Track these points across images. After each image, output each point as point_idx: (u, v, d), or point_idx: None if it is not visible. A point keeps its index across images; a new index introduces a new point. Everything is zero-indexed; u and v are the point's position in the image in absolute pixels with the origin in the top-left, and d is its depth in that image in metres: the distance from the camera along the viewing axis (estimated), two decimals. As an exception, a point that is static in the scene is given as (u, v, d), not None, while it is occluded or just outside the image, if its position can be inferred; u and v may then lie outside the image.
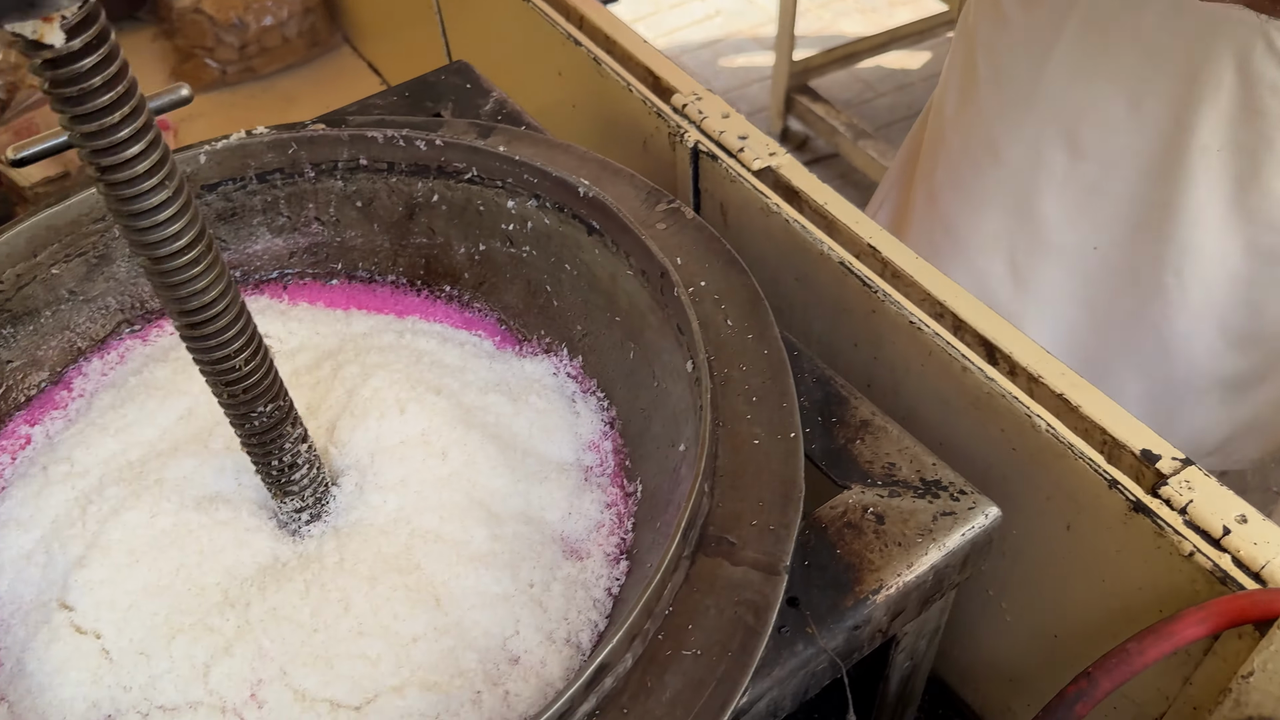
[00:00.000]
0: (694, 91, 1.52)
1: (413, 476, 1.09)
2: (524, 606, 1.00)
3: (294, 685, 0.95)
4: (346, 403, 1.13)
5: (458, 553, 1.03)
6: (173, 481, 1.07)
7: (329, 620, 0.98)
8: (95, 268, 1.26)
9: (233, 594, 1.02)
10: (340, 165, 1.31)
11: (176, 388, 1.19)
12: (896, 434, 1.02)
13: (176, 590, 1.02)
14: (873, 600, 0.90)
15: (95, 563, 1.02)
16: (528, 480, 1.11)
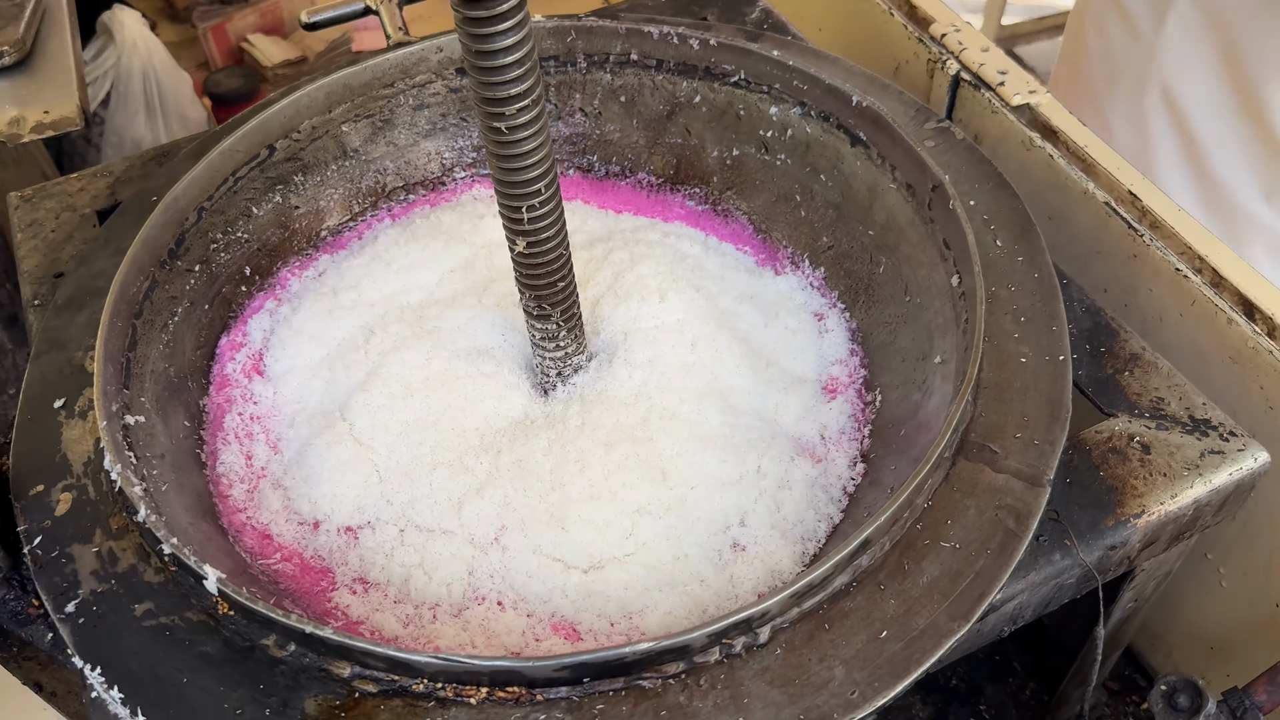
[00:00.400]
0: (953, 23, 1.51)
1: (660, 358, 1.14)
2: (753, 497, 1.04)
3: (531, 538, 1.02)
4: (612, 283, 1.19)
5: (691, 431, 1.08)
6: (448, 330, 1.15)
7: (565, 479, 1.05)
8: (379, 131, 1.34)
9: (487, 440, 1.09)
10: (612, 58, 1.35)
11: (460, 235, 1.27)
12: (1167, 370, 1.02)
13: (441, 428, 1.10)
14: (1133, 524, 0.91)
15: (375, 389, 1.12)
16: (768, 385, 1.14)
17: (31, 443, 1.03)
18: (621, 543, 1.01)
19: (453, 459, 1.08)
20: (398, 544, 1.03)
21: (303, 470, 1.08)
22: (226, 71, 2.90)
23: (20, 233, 1.29)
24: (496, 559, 1.01)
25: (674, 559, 1.00)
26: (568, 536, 1.01)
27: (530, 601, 0.99)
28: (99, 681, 0.85)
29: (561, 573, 1.00)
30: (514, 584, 0.99)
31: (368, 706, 0.81)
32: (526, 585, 0.99)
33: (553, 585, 0.99)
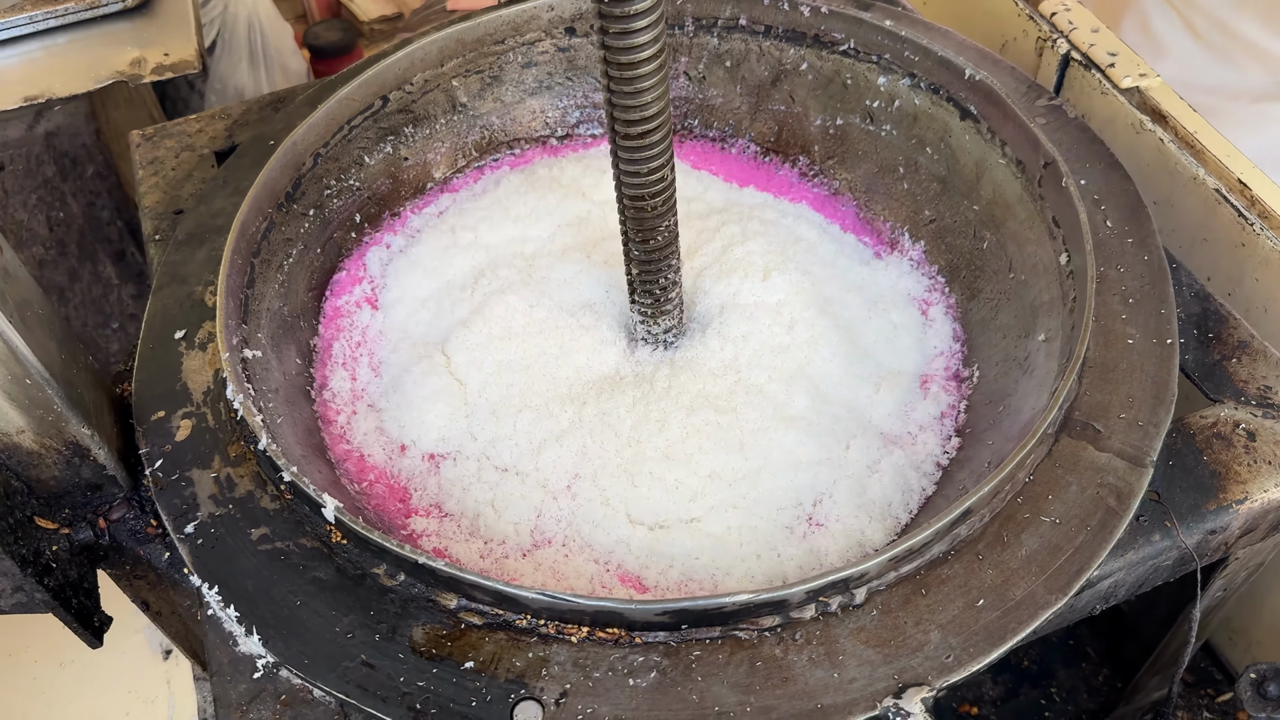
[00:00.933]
0: (1064, 2, 1.49)
1: (755, 335, 1.14)
2: (832, 480, 1.04)
3: (602, 489, 1.04)
4: (720, 256, 1.20)
5: (775, 411, 1.09)
6: (555, 281, 1.18)
7: (643, 436, 1.07)
8: (487, 87, 1.36)
9: (575, 390, 1.12)
10: (720, 22, 1.36)
11: (579, 190, 1.30)
12: (1276, 359, 1.01)
13: (533, 373, 1.13)
14: (1235, 509, 0.91)
15: (476, 327, 1.15)
16: (862, 379, 1.14)
17: (153, 371, 1.07)
18: (688, 505, 1.03)
19: (539, 404, 1.11)
20: (475, 479, 1.07)
21: (398, 395, 1.13)
22: (325, 24, 2.95)
23: (141, 169, 1.34)
24: (566, 505, 1.05)
25: (740, 527, 1.02)
26: (636, 492, 1.03)
27: (595, 550, 1.01)
28: (215, 600, 0.89)
29: (627, 526, 1.02)
30: (580, 531, 1.02)
31: (473, 637, 0.84)
32: (592, 534, 1.02)
33: (617, 538, 1.01)
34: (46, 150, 1.68)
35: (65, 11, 1.52)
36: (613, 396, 1.11)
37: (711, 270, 1.19)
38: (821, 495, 1.04)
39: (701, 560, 0.99)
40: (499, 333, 1.14)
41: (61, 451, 0.96)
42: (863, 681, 0.80)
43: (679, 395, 1.10)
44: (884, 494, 1.04)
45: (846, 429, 1.09)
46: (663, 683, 0.81)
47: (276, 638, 0.86)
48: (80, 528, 1.00)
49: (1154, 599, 1.33)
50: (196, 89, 2.28)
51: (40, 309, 0.95)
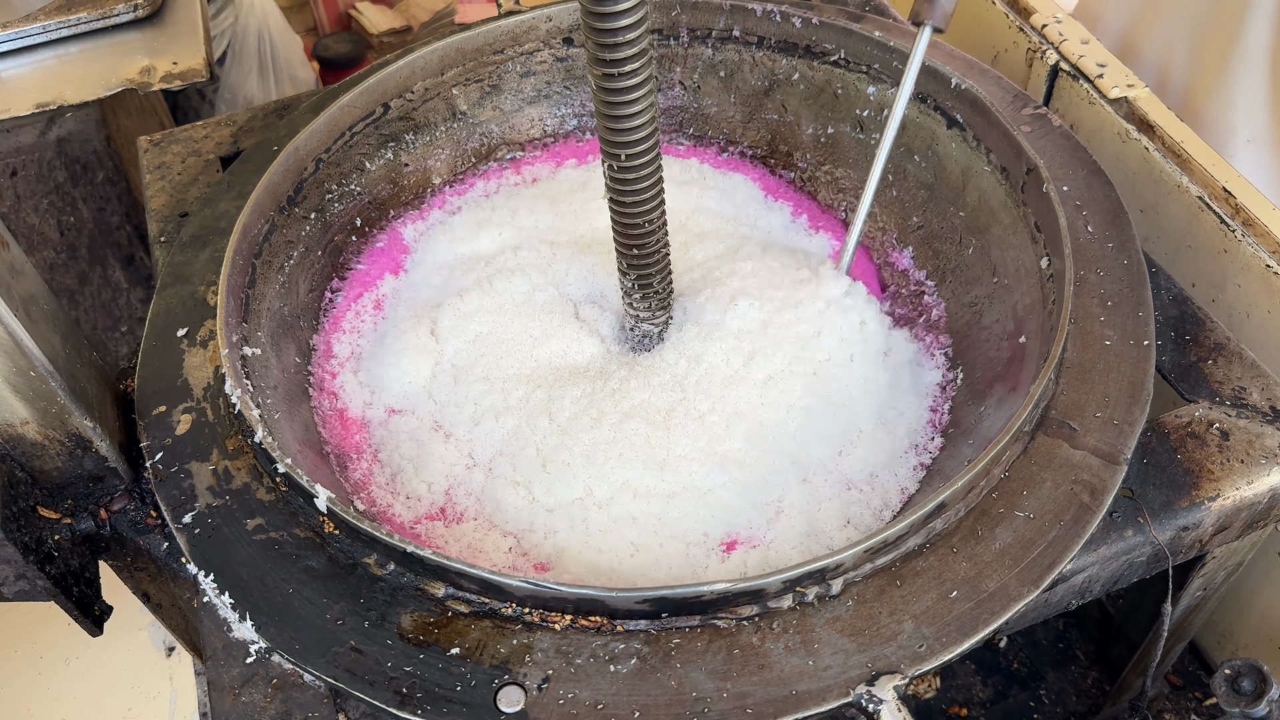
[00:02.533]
0: (1054, 14, 1.51)
1: (707, 359, 1.14)
2: (756, 523, 1.04)
3: (518, 470, 1.08)
4: (710, 271, 1.23)
5: (708, 444, 1.08)
6: (573, 273, 1.24)
7: (575, 429, 1.09)
8: (487, 95, 1.39)
9: (539, 374, 1.15)
10: (714, 33, 1.39)
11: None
12: (1251, 361, 1.02)
13: (508, 349, 1.17)
14: (1207, 506, 0.92)
15: (471, 296, 1.21)
16: (821, 435, 1.11)
17: (155, 367, 1.10)
18: (588, 505, 1.05)
19: (498, 379, 1.15)
20: (411, 436, 1.13)
21: (380, 349, 1.20)
22: (335, 37, 2.99)
23: (149, 174, 1.37)
24: (480, 479, 1.09)
25: (639, 543, 1.02)
26: (547, 478, 1.06)
27: (502, 527, 1.05)
28: (211, 588, 0.92)
29: (530, 509, 1.05)
30: (487, 506, 1.07)
31: (459, 625, 0.86)
32: (497, 511, 1.06)
33: (523, 521, 1.04)
34: (58, 156, 1.72)
35: (78, 21, 1.56)
36: (566, 386, 1.14)
37: (706, 293, 1.22)
38: (737, 534, 1.04)
39: (600, 559, 1.01)
40: (491, 306, 1.20)
41: (64, 443, 0.99)
42: (837, 669, 0.82)
43: (622, 399, 1.12)
44: (828, 524, 1.04)
45: (784, 480, 1.07)
46: (642, 669, 0.83)
47: (269, 624, 0.89)
48: (82, 518, 1.03)
49: (1140, 601, 1.34)
50: (207, 98, 2.32)
51: (46, 304, 0.98)
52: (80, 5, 1.57)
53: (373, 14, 3.06)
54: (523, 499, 1.06)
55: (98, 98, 1.49)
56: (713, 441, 1.09)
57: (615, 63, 0.90)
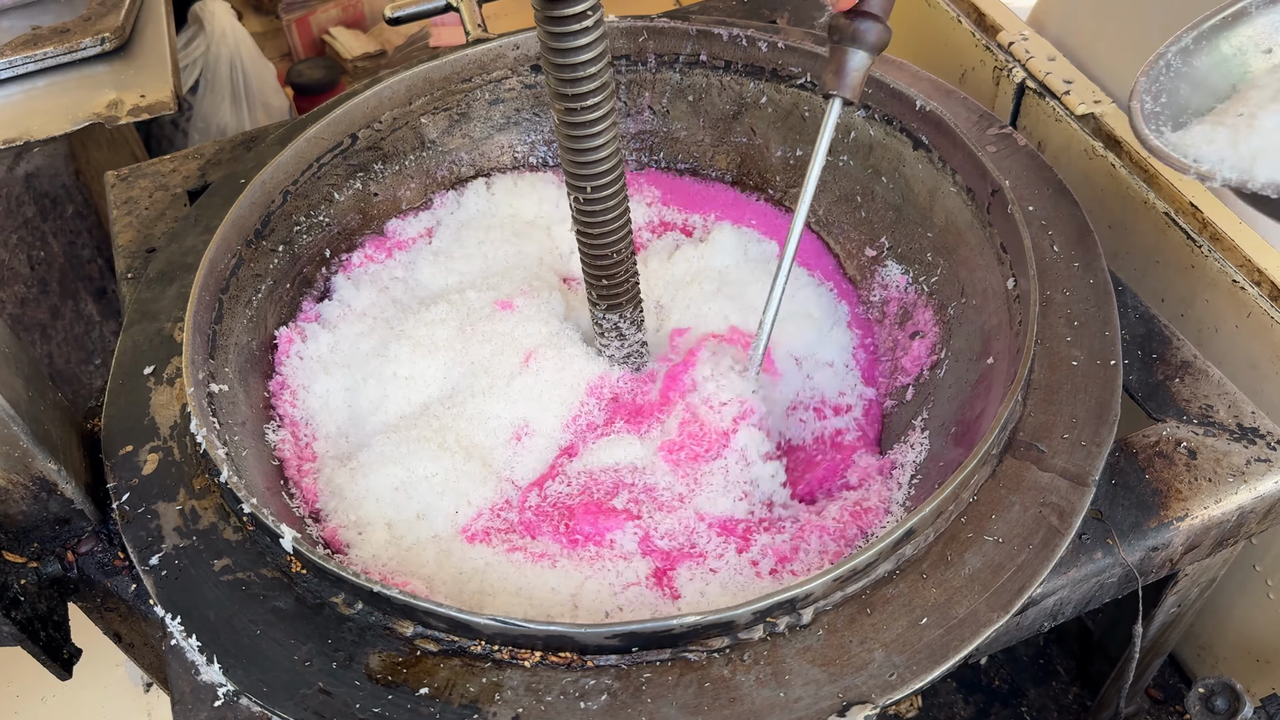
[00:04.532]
0: (1020, 31, 1.52)
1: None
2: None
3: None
4: (684, 314, 1.24)
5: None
6: (549, 304, 1.24)
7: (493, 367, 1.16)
8: (455, 124, 1.39)
9: (499, 329, 1.20)
10: (682, 58, 1.39)
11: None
12: (1218, 378, 1.03)
13: (482, 301, 1.22)
14: (1176, 526, 0.92)
15: (440, 309, 1.23)
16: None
17: (122, 406, 1.09)
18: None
19: (456, 318, 1.22)
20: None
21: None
22: (309, 63, 2.99)
23: (116, 209, 1.37)
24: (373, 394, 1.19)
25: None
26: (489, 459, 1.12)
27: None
28: (179, 630, 0.91)
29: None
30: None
31: (428, 664, 0.86)
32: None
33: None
34: (26, 191, 1.71)
35: (44, 56, 1.55)
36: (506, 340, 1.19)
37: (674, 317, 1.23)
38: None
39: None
40: (452, 318, 1.22)
41: (29, 487, 0.98)
42: (808, 700, 0.81)
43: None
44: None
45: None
46: (613, 705, 0.82)
47: (237, 666, 0.88)
48: (49, 561, 1.02)
49: (1118, 616, 1.34)
50: (180, 128, 2.31)
51: (7, 347, 0.97)
52: (46, 40, 1.56)
53: (346, 39, 3.06)
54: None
55: (65, 132, 1.49)
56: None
57: (577, 97, 0.90)
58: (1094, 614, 1.41)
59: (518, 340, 1.17)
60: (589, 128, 0.93)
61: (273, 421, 1.15)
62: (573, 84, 0.90)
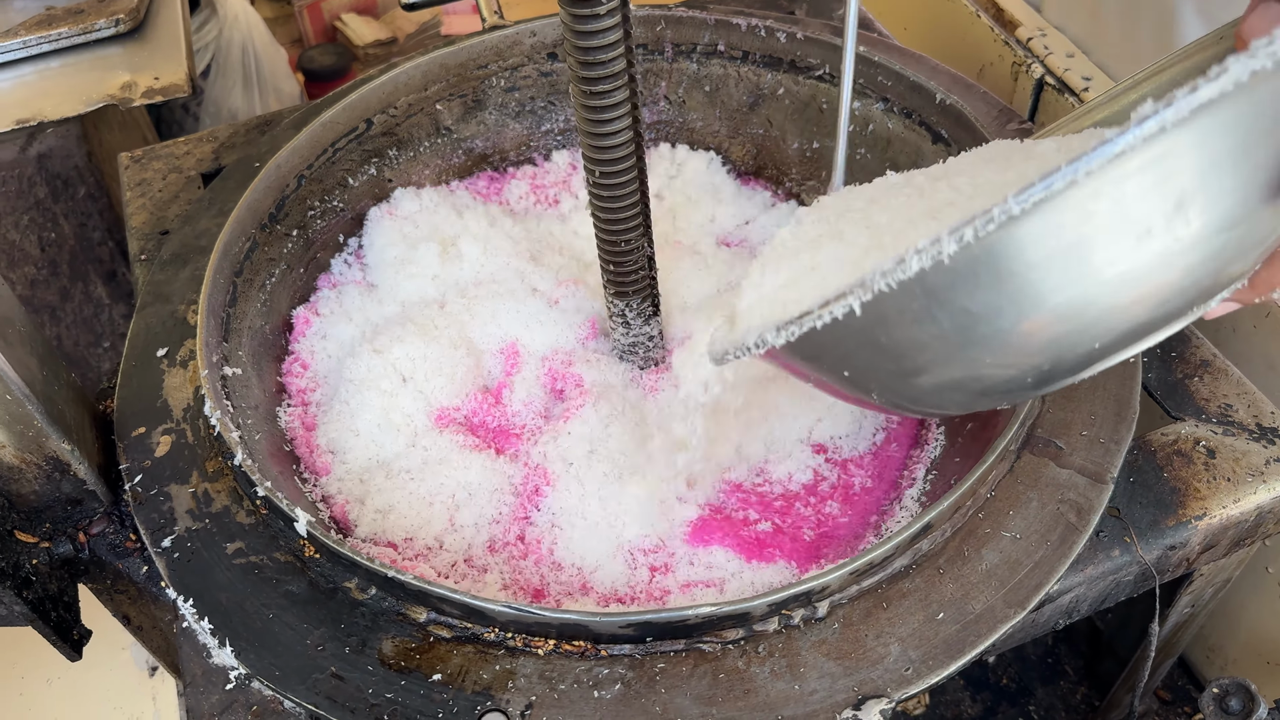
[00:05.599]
0: (1039, 27, 1.51)
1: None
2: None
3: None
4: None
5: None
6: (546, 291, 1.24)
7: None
8: (471, 111, 1.38)
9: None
10: (699, 48, 1.38)
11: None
12: (1237, 378, 1.02)
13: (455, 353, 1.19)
14: (1194, 525, 0.92)
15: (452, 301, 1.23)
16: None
17: (135, 388, 1.09)
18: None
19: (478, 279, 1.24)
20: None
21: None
22: (320, 49, 2.98)
23: (129, 191, 1.36)
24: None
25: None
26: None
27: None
28: (190, 613, 0.91)
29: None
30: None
31: (441, 650, 0.85)
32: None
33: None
34: (39, 172, 1.71)
35: (58, 36, 1.55)
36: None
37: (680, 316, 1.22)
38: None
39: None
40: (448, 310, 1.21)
41: (42, 466, 0.97)
42: (823, 693, 0.81)
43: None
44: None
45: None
46: (627, 695, 0.82)
47: (249, 650, 0.87)
48: (60, 541, 1.02)
49: (1128, 616, 1.34)
50: (191, 112, 2.30)
51: (22, 327, 0.97)
52: (60, 21, 1.56)
53: (358, 26, 3.05)
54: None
55: (78, 113, 1.48)
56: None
57: (596, 79, 0.90)
58: (1104, 614, 1.41)
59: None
60: (608, 112, 0.92)
61: (285, 403, 1.15)
62: (593, 66, 0.89)
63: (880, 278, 0.56)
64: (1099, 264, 0.55)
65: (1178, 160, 0.51)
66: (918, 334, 0.60)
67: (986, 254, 0.54)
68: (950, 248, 0.53)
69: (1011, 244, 0.53)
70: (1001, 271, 0.55)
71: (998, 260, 0.54)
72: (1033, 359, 0.61)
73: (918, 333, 0.60)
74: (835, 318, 0.60)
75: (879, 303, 0.57)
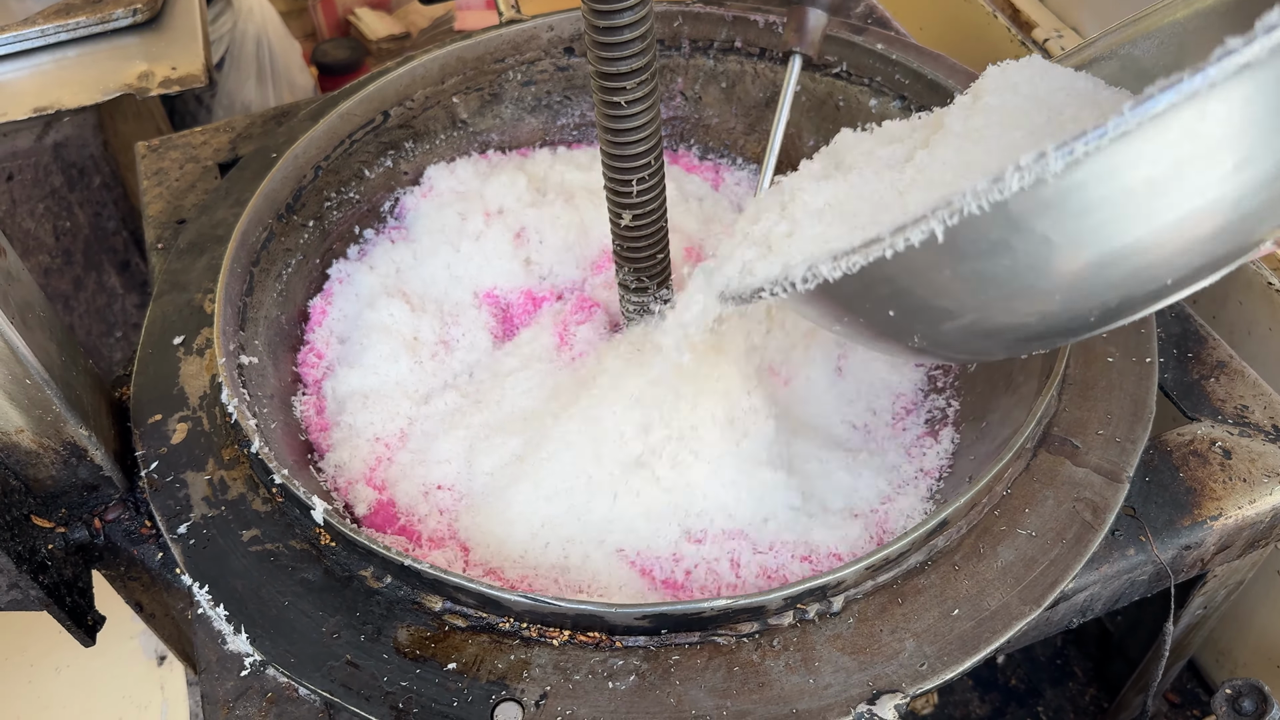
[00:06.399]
0: (1055, 28, 1.51)
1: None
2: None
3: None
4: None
5: (701, 414, 1.06)
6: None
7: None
8: (487, 104, 1.39)
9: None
10: (716, 44, 1.38)
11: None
12: (1253, 379, 1.02)
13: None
14: (1209, 525, 0.92)
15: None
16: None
17: (151, 375, 1.09)
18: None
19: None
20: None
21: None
22: (334, 43, 2.98)
23: (146, 180, 1.36)
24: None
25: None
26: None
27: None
28: (205, 599, 0.91)
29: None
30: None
31: (456, 639, 0.86)
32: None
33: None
34: (54, 161, 1.71)
35: (76, 25, 1.55)
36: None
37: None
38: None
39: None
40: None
41: (59, 451, 0.98)
42: (838, 687, 0.81)
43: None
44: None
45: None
46: (641, 686, 0.82)
47: (264, 636, 0.88)
48: (76, 527, 1.02)
49: (1139, 618, 1.34)
50: (204, 103, 2.31)
51: (42, 312, 0.97)
52: (79, 10, 1.56)
53: (371, 20, 3.06)
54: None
55: (95, 102, 1.48)
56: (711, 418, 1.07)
57: (619, 76, 0.90)
58: (1113, 615, 1.41)
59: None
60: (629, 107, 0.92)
61: (300, 392, 1.15)
62: (615, 63, 0.89)
63: (973, 198, 0.50)
64: (1193, 190, 0.50)
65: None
66: (989, 266, 0.55)
67: (1091, 175, 0.48)
68: (1057, 164, 0.48)
69: (1117, 162, 0.48)
70: (1096, 197, 0.50)
71: (1097, 182, 0.49)
72: (1103, 295, 0.56)
73: (989, 265, 0.54)
74: (911, 244, 0.53)
75: (962, 228, 0.52)
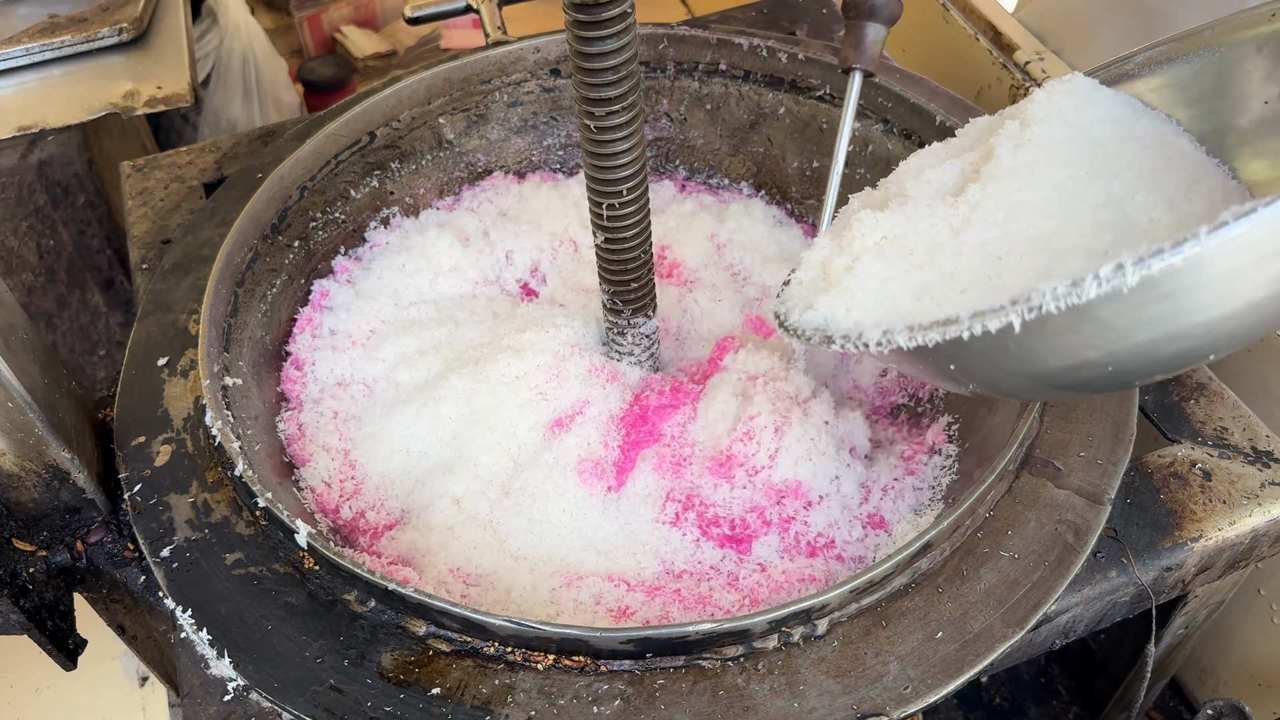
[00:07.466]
0: (1037, 51, 1.53)
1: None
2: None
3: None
4: (681, 318, 1.24)
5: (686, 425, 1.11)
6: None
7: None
8: (473, 125, 1.39)
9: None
10: (701, 66, 1.39)
11: None
12: (1233, 401, 1.03)
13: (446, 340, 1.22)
14: (1190, 547, 0.92)
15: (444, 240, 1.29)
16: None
17: (135, 396, 1.09)
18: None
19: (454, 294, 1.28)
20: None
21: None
22: (320, 60, 2.99)
23: (131, 199, 1.36)
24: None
25: None
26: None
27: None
28: (189, 623, 0.91)
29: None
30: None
31: (440, 664, 0.85)
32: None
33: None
34: (39, 179, 1.71)
35: (61, 44, 1.55)
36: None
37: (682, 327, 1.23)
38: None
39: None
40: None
41: (41, 474, 0.97)
42: (822, 711, 0.81)
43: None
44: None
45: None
46: (626, 710, 0.82)
47: (247, 661, 0.87)
48: (58, 550, 1.01)
49: (1121, 637, 1.34)
50: (190, 121, 2.31)
51: (25, 334, 0.97)
52: (64, 28, 1.56)
53: (358, 38, 3.06)
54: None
55: (80, 121, 1.48)
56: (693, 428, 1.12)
57: (603, 102, 0.90)
58: (1097, 635, 1.42)
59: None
60: (614, 132, 0.93)
61: (283, 412, 1.15)
62: (600, 88, 0.90)
63: (1052, 299, 0.55)
64: (1250, 288, 0.55)
65: None
66: (1054, 343, 0.60)
67: (1161, 281, 0.53)
68: (1133, 278, 0.53)
69: (1185, 280, 0.53)
70: (1162, 293, 0.54)
71: (1166, 280, 0.53)
72: (1152, 368, 0.62)
73: (1054, 342, 0.60)
74: (987, 330, 0.59)
75: (1036, 319, 0.57)
